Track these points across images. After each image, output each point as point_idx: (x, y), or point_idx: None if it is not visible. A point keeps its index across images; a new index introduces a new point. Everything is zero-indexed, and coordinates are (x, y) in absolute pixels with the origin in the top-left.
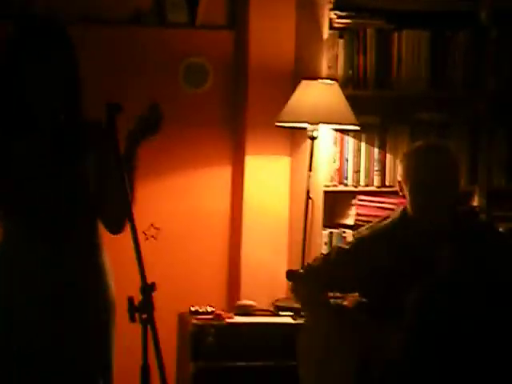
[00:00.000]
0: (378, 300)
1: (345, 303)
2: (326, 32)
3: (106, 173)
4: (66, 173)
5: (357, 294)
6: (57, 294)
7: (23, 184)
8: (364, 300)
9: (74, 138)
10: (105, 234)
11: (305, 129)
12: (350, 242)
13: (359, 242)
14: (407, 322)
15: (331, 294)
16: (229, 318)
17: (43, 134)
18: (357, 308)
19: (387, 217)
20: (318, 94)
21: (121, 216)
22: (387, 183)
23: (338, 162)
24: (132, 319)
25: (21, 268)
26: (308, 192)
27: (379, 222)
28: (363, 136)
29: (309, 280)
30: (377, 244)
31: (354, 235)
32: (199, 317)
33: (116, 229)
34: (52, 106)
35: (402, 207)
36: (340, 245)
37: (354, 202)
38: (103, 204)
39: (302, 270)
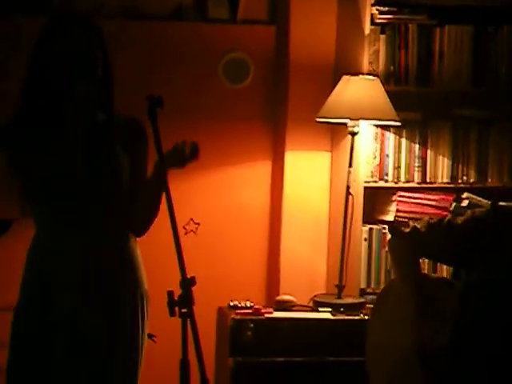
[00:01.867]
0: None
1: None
2: (367, 27)
3: (138, 171)
4: (98, 167)
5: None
6: (89, 283)
7: (55, 178)
8: (450, 280)
9: (107, 133)
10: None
11: (345, 124)
12: (462, 218)
13: (471, 220)
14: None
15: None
16: (268, 313)
17: (76, 129)
18: (438, 284)
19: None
20: (359, 90)
21: (147, 219)
22: (428, 179)
23: (378, 158)
24: (172, 313)
25: (55, 261)
26: (348, 188)
27: (499, 209)
28: (404, 132)
29: (408, 239)
30: (484, 229)
31: (469, 212)
32: (238, 311)
33: (139, 231)
34: (85, 100)
35: None
36: (453, 217)
37: (394, 198)
38: (132, 203)
39: (407, 229)
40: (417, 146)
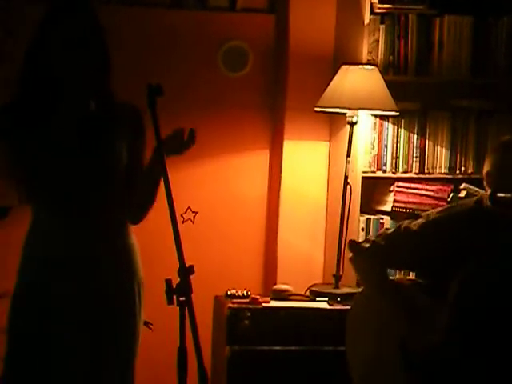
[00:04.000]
0: (436, 284)
1: (401, 283)
2: (367, 17)
3: (135, 159)
4: (94, 158)
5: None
6: (87, 270)
7: (50, 169)
8: (420, 281)
9: (103, 122)
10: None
11: (344, 114)
12: (417, 223)
13: (428, 224)
14: (449, 308)
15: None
16: (265, 302)
17: (70, 118)
18: (412, 288)
19: (457, 205)
20: (358, 80)
21: (144, 206)
22: (426, 170)
23: (376, 148)
24: (170, 301)
25: (50, 252)
26: (346, 178)
27: (450, 208)
28: (403, 122)
29: (371, 256)
30: (445, 230)
31: (423, 216)
32: (235, 300)
33: (136, 218)
34: (82, 89)
35: (476, 198)
36: (407, 224)
37: (392, 188)
38: (129, 191)
39: (365, 244)
40: (415, 136)
